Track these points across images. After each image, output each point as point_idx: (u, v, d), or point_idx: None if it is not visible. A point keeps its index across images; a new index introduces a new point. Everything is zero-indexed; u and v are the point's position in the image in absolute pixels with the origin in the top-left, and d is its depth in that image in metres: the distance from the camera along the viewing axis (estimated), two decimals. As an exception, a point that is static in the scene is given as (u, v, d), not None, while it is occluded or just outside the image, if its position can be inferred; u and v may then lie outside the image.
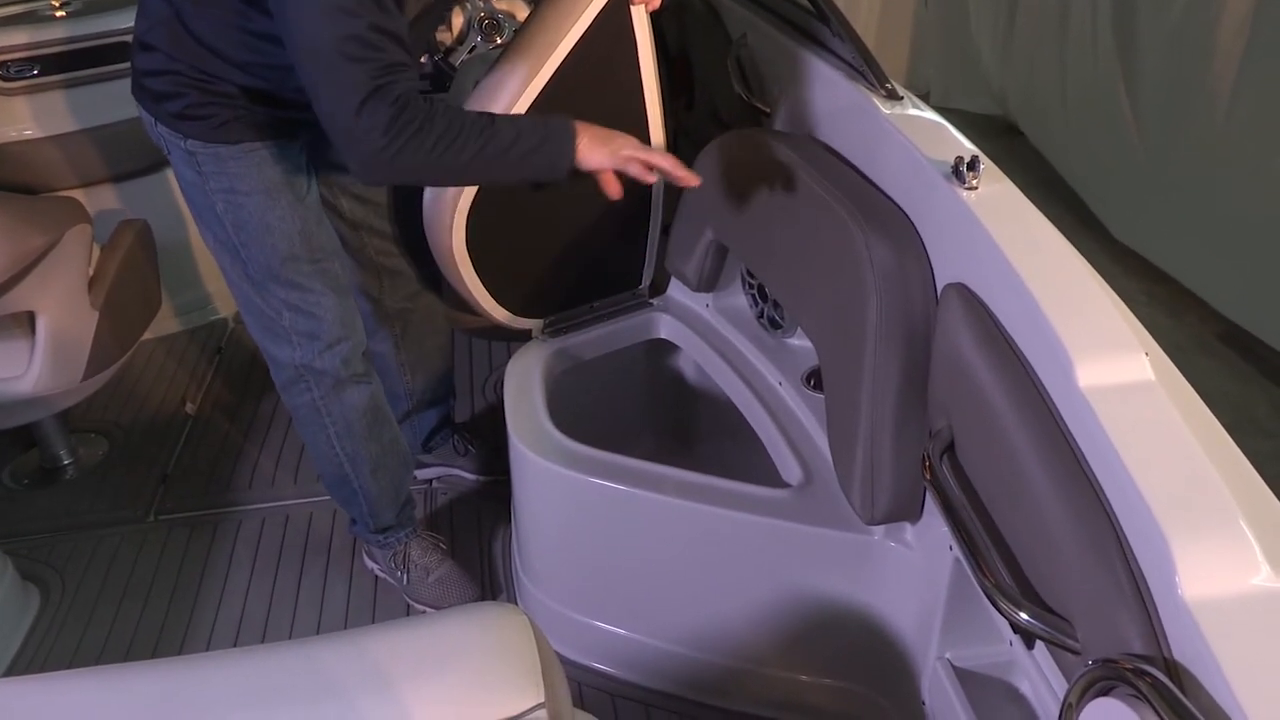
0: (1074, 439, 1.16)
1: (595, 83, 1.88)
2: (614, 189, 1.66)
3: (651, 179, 1.67)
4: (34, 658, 2.15)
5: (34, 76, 2.80)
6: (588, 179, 1.65)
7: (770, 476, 1.85)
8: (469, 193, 1.86)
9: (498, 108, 1.80)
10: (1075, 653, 1.10)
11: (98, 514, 2.57)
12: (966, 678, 1.51)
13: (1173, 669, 0.96)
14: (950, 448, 1.39)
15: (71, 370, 2.40)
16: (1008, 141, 4.52)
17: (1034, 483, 1.16)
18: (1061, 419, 1.19)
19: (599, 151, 1.62)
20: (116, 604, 2.29)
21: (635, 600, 1.94)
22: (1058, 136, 4.26)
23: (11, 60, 2.77)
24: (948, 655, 1.54)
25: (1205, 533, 0.98)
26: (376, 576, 2.30)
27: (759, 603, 1.80)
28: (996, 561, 1.23)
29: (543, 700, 1.05)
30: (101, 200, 2.96)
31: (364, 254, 2.17)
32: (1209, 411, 1.15)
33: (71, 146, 2.87)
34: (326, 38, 1.45)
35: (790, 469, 1.82)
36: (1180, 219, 3.45)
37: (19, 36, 2.78)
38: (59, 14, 2.87)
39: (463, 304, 2.15)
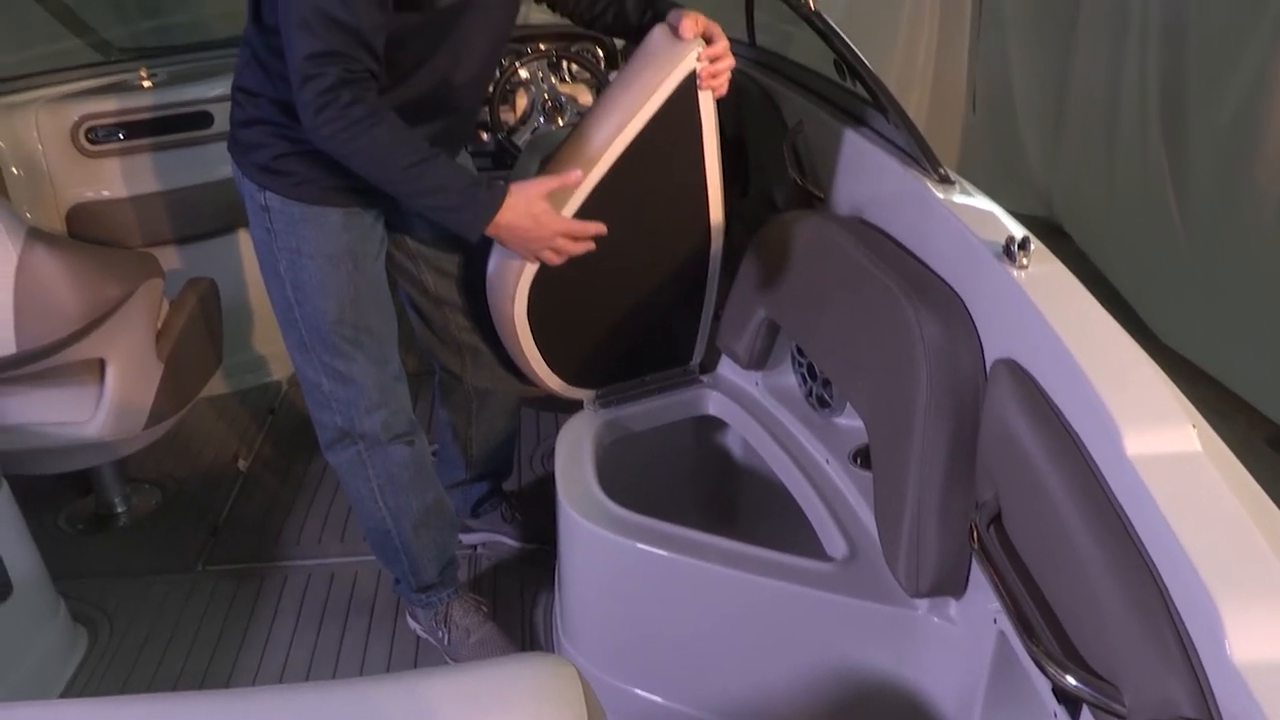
0: (1121, 506, 1.18)
1: (661, 164, 1.95)
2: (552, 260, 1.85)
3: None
4: (80, 695, 2.18)
5: (119, 141, 2.95)
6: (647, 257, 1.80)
7: (815, 552, 1.86)
8: (533, 265, 1.93)
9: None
10: (1123, 718, 1.10)
11: (148, 561, 2.62)
12: (1008, 754, 1.51)
13: (1222, 732, 0.97)
14: (997, 518, 1.41)
15: (134, 419, 2.48)
16: (1053, 243, 4.48)
17: (1081, 548, 1.18)
18: (1109, 487, 1.21)
19: (515, 240, 1.81)
20: (162, 649, 2.33)
21: (676, 668, 1.94)
22: (1104, 238, 4.28)
23: (100, 125, 2.93)
24: (989, 732, 1.54)
25: (1254, 597, 1.00)
26: (418, 637, 2.32)
27: (800, 674, 1.80)
28: (1043, 627, 1.24)
29: (590, 748, 1.06)
30: (171, 259, 3.08)
31: (447, 331, 2.23)
32: (1255, 482, 1.17)
33: (149, 207, 3.01)
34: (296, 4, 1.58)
35: (835, 544, 1.83)
36: (1228, 322, 3.45)
37: (110, 104, 2.94)
38: (146, 84, 3.03)
39: (517, 371, 2.20)
